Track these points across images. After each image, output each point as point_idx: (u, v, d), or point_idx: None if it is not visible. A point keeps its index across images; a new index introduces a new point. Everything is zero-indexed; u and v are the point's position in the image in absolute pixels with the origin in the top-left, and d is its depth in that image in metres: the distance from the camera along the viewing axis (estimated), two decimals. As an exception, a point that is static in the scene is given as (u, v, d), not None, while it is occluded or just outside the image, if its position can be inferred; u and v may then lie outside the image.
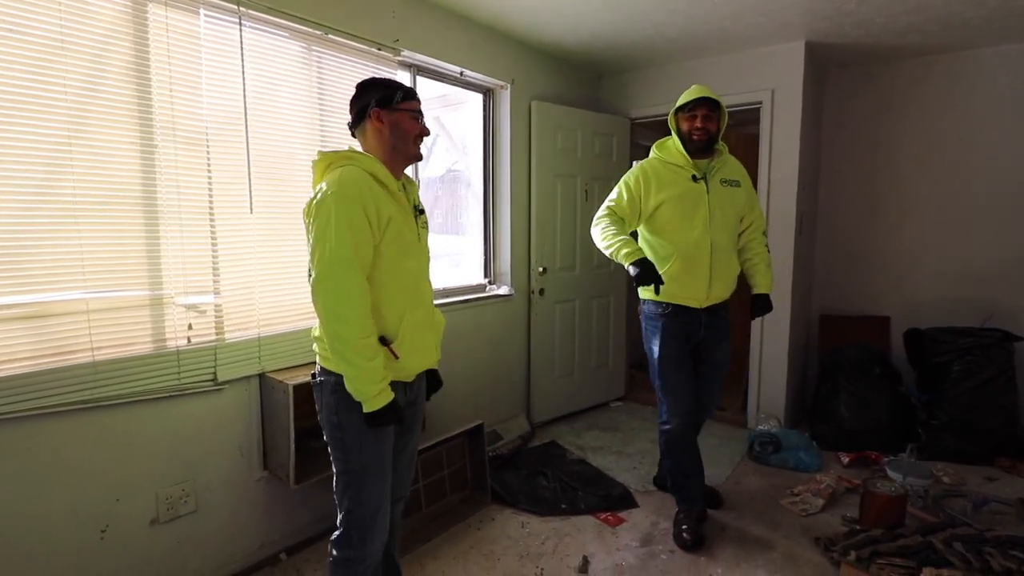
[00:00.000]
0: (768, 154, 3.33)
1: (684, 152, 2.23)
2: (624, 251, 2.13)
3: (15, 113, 1.51)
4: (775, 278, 3.32)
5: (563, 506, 2.55)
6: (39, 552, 1.61)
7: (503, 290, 3.28)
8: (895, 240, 3.60)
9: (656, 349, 2.30)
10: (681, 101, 2.21)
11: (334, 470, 1.49)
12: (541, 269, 3.43)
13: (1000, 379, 2.94)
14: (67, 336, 1.63)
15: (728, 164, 2.33)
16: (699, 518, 2.34)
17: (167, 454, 1.87)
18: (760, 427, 3.25)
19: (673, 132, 2.28)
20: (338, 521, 1.50)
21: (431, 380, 1.68)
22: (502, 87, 3.20)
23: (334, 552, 1.50)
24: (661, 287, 2.10)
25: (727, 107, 3.44)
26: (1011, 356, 2.99)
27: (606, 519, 2.45)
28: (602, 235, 2.23)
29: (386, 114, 1.45)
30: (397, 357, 1.44)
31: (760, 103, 3.33)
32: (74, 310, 1.64)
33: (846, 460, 2.98)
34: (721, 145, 2.30)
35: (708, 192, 2.22)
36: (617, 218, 2.25)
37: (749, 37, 3.11)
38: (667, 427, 2.33)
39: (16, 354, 1.55)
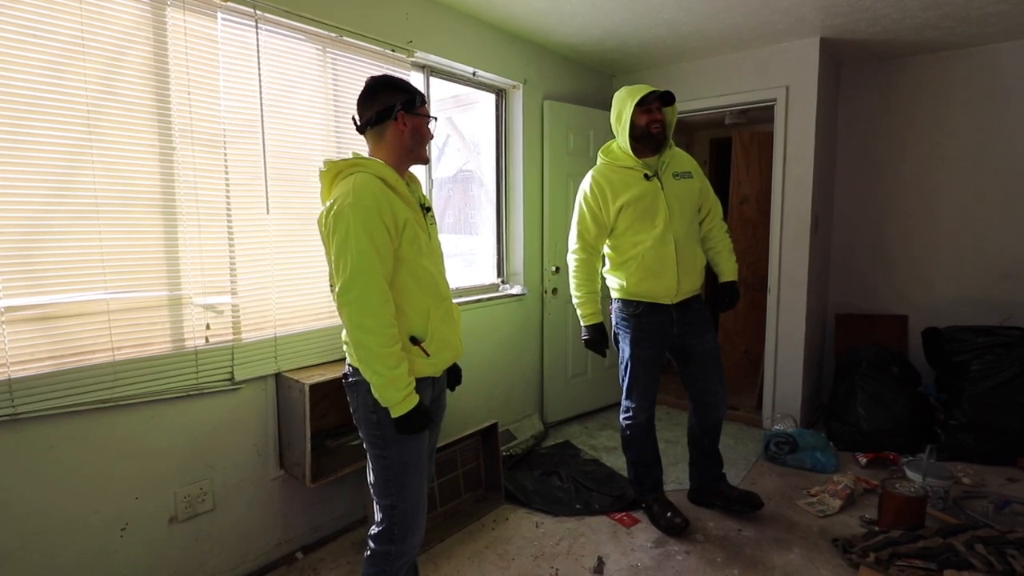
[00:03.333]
0: (783, 152, 3.30)
1: (630, 153, 2.21)
2: (581, 311, 2.30)
3: (37, 115, 1.54)
4: (788, 277, 3.34)
5: (577, 506, 2.54)
6: (60, 550, 1.63)
7: (516, 290, 3.28)
8: (912, 238, 3.56)
9: (628, 350, 2.30)
10: (637, 96, 2.15)
11: (371, 467, 1.50)
12: (554, 268, 3.42)
13: (1021, 378, 2.89)
14: (88, 336, 1.66)
15: (677, 157, 2.32)
16: (671, 503, 2.39)
17: (185, 453, 1.89)
18: (776, 427, 3.22)
19: (624, 132, 2.20)
20: (378, 518, 1.52)
21: (453, 374, 1.69)
22: (514, 87, 3.20)
23: (373, 546, 1.51)
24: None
25: (741, 105, 3.48)
26: (1032, 355, 2.94)
27: (621, 520, 2.44)
28: (572, 277, 2.31)
29: (410, 118, 1.47)
30: (428, 355, 1.46)
31: (775, 100, 3.30)
32: (95, 311, 1.66)
33: (863, 461, 2.95)
34: (669, 140, 2.29)
35: (663, 188, 2.22)
36: (588, 254, 2.27)
37: (763, 34, 3.09)
38: (633, 420, 2.36)
39: (38, 354, 1.57)
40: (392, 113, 1.45)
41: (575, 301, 2.31)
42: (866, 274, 3.72)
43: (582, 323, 2.32)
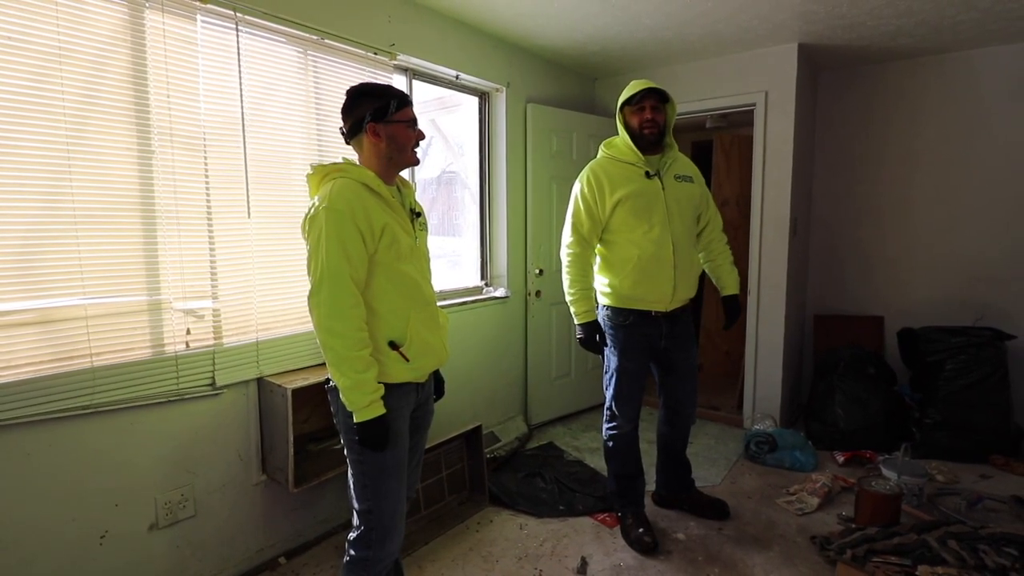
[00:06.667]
0: (762, 155, 3.35)
1: (635, 148, 2.15)
2: (574, 308, 2.18)
3: (15, 122, 1.52)
4: (767, 278, 3.39)
5: (561, 507, 2.56)
6: (37, 559, 1.61)
7: (500, 292, 3.29)
8: (888, 240, 3.63)
9: (615, 360, 2.24)
10: (627, 94, 2.13)
11: (350, 472, 1.50)
12: (538, 271, 3.44)
13: (992, 377, 2.97)
14: (66, 342, 1.63)
15: (679, 160, 2.27)
16: (647, 519, 2.34)
17: (166, 459, 1.87)
18: (756, 427, 3.27)
19: (621, 129, 2.19)
20: (355, 522, 1.52)
21: (436, 386, 1.70)
22: (497, 90, 3.21)
23: (352, 552, 1.52)
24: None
25: (722, 109, 3.52)
26: (1003, 354, 3.02)
27: (604, 520, 2.46)
28: (566, 272, 2.21)
29: (382, 128, 1.45)
30: (408, 360, 1.46)
31: (754, 105, 3.35)
32: (73, 316, 1.64)
33: (841, 459, 3.00)
34: (671, 140, 2.23)
35: (664, 189, 2.16)
36: (583, 248, 2.18)
37: (743, 40, 3.14)
38: (617, 431, 2.30)
39: (15, 360, 1.55)
40: (362, 126, 1.45)
41: (568, 298, 2.20)
42: (843, 276, 3.79)
43: (575, 321, 2.19)
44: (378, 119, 1.44)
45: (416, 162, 1.55)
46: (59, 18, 1.57)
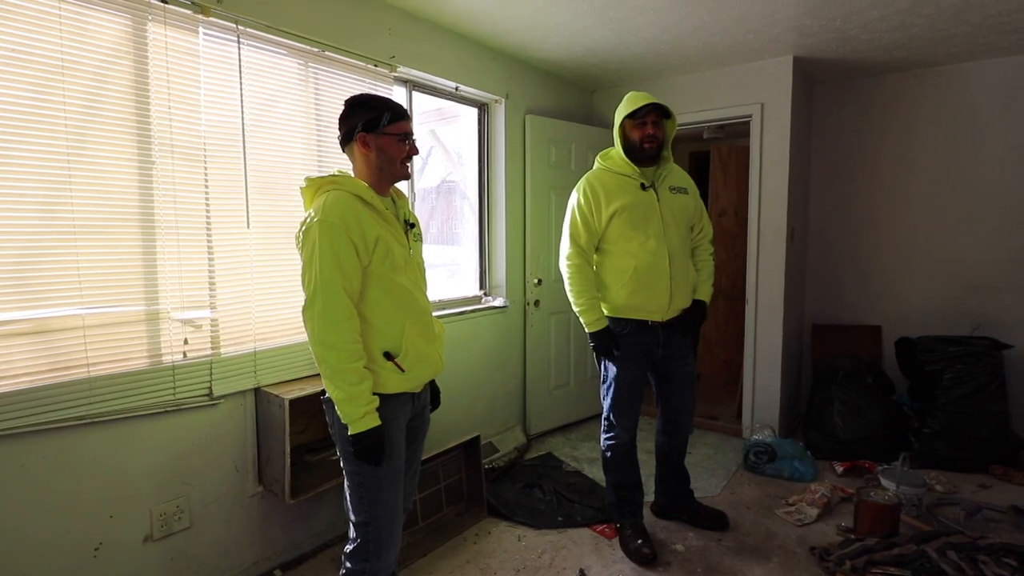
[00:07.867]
0: (759, 166, 3.38)
1: (628, 161, 2.17)
2: (584, 319, 2.19)
3: (17, 133, 1.53)
4: (765, 288, 3.41)
5: (559, 519, 2.54)
6: (31, 571, 1.59)
7: (498, 302, 3.30)
8: (885, 250, 3.65)
9: (613, 370, 2.25)
10: (629, 108, 2.13)
11: (346, 483, 1.50)
12: (536, 281, 3.44)
13: (990, 387, 2.98)
14: (63, 352, 1.63)
15: (674, 171, 2.29)
16: (645, 530, 2.33)
17: (162, 470, 1.86)
18: (755, 436, 3.26)
19: (618, 142, 2.20)
20: (352, 534, 1.51)
21: (432, 396, 1.70)
22: (496, 101, 3.23)
23: (348, 565, 1.51)
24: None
25: (719, 120, 3.55)
26: (1000, 364, 3.02)
27: (603, 531, 2.45)
28: (569, 285, 2.22)
29: (372, 138, 1.46)
30: (403, 370, 1.47)
31: (750, 116, 3.38)
32: (70, 326, 1.64)
33: (840, 469, 3.00)
34: (667, 153, 2.24)
35: (659, 200, 2.18)
36: (582, 259, 2.20)
37: (738, 53, 3.17)
38: (615, 441, 2.30)
39: (11, 371, 1.54)
40: (353, 135, 1.46)
41: (576, 310, 2.21)
42: (841, 285, 3.80)
43: (587, 330, 2.20)
44: (369, 130, 1.45)
45: (406, 176, 1.55)
46: (62, 31, 1.59)
